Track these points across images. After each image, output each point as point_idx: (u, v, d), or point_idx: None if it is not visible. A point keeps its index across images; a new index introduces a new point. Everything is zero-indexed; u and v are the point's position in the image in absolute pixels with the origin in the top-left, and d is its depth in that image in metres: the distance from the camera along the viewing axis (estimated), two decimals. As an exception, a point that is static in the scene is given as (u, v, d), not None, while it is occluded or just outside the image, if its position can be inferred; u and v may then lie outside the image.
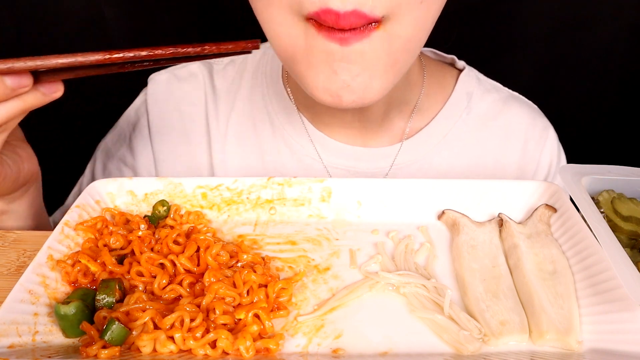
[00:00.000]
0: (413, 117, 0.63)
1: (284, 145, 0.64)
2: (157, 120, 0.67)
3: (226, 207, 0.52)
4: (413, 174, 0.63)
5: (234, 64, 0.68)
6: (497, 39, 0.99)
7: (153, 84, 0.68)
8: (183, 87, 0.67)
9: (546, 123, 0.69)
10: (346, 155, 0.63)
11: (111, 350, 0.37)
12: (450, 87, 0.66)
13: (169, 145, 0.67)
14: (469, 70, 0.68)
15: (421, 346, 0.40)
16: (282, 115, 0.64)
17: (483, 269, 0.46)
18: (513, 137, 0.66)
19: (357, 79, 0.44)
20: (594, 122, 1.08)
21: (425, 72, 0.65)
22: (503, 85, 0.71)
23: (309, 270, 0.47)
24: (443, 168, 0.64)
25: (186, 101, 0.67)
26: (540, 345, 0.40)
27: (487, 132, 0.66)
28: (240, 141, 0.65)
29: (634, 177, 0.51)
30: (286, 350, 0.40)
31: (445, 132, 0.64)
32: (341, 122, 0.62)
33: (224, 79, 0.67)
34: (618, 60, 1.00)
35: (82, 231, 0.47)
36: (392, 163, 0.63)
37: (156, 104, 0.67)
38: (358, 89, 0.45)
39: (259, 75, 0.66)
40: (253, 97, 0.66)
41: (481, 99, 0.66)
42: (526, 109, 0.68)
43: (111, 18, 0.95)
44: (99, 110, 1.01)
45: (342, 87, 0.44)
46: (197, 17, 0.98)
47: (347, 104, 0.46)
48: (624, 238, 0.48)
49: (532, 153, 0.67)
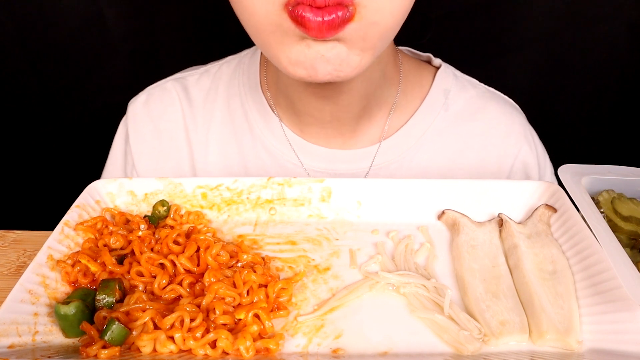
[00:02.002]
0: (391, 115, 0.64)
1: (265, 152, 0.64)
2: (138, 142, 0.68)
3: (226, 207, 0.52)
4: (392, 173, 0.63)
5: (208, 73, 0.69)
6: (497, 39, 0.99)
7: (132, 107, 0.69)
8: (158, 105, 0.68)
9: (523, 118, 0.69)
10: (326, 158, 0.63)
11: (111, 350, 0.37)
12: (427, 84, 0.66)
13: (151, 164, 0.67)
14: (445, 67, 0.68)
15: (421, 346, 0.40)
16: (261, 122, 0.64)
17: (483, 269, 0.46)
18: (491, 132, 0.66)
19: (333, 51, 0.44)
20: (594, 122, 1.08)
21: (402, 69, 0.65)
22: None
23: (309, 270, 0.47)
24: (422, 166, 0.64)
25: (163, 119, 0.67)
26: (540, 346, 0.40)
27: (465, 129, 0.66)
28: (221, 150, 0.66)
29: (634, 177, 0.51)
30: (286, 350, 0.40)
31: (424, 130, 0.64)
32: (321, 123, 0.62)
33: (200, 90, 0.68)
34: (618, 60, 0.99)
35: (82, 231, 0.47)
36: (370, 164, 0.63)
37: (136, 125, 0.68)
38: (334, 60, 0.44)
39: (235, 84, 0.66)
40: (231, 105, 0.66)
41: (458, 95, 0.67)
42: (503, 104, 0.69)
43: (111, 18, 0.95)
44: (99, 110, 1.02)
45: (317, 58, 0.44)
46: (197, 17, 0.98)
47: (322, 76, 0.45)
48: (624, 238, 0.48)
49: (511, 148, 0.67)
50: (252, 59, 0.66)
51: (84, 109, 1.04)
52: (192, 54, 1.00)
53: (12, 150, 1.08)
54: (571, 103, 1.06)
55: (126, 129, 0.69)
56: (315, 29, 0.41)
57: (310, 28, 0.41)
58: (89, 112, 1.04)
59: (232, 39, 0.65)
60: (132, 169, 0.68)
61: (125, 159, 0.69)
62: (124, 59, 0.99)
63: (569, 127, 1.08)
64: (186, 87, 0.68)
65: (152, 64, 1.00)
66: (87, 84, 1.01)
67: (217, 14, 0.96)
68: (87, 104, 1.04)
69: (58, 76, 1.00)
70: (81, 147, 1.05)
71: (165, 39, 1.00)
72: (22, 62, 0.98)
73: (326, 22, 0.41)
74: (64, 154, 1.08)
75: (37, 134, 1.07)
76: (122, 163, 0.69)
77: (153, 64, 1.00)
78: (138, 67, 1.00)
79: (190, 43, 1.01)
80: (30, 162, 1.10)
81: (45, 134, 1.07)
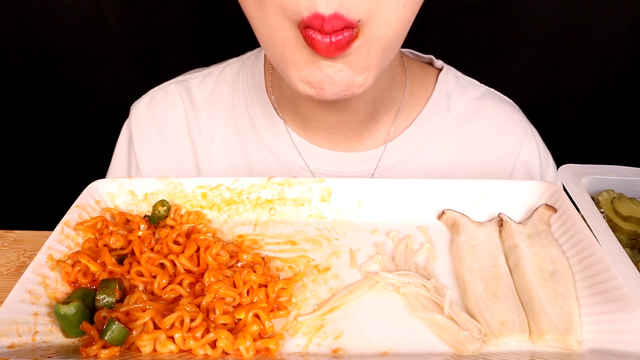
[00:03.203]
0: (397, 118, 0.64)
1: (270, 154, 0.64)
2: (142, 145, 0.68)
3: (226, 207, 0.52)
4: (396, 175, 0.64)
5: (211, 76, 0.69)
6: (497, 39, 0.99)
7: (136, 110, 0.69)
8: (162, 108, 0.68)
9: (523, 118, 0.70)
10: (332, 160, 0.63)
11: (111, 350, 0.37)
12: (430, 86, 0.67)
13: (156, 166, 0.67)
14: (447, 69, 0.68)
15: (421, 346, 0.40)
16: (266, 125, 0.64)
17: (483, 269, 0.46)
18: (492, 133, 0.67)
19: (340, 74, 0.46)
20: (594, 122, 1.08)
21: (408, 72, 0.65)
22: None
23: (309, 270, 0.47)
24: (425, 168, 0.64)
25: (167, 121, 0.67)
26: (540, 346, 0.40)
27: (466, 130, 0.66)
28: (226, 152, 0.66)
29: (634, 177, 0.51)
30: (286, 350, 0.40)
31: (427, 132, 0.65)
32: (327, 127, 0.62)
33: (203, 93, 0.68)
34: (618, 60, 0.99)
35: (82, 231, 0.47)
36: (376, 166, 0.63)
37: (139, 128, 0.68)
38: (341, 82, 0.46)
39: (239, 87, 0.66)
40: (235, 108, 0.66)
41: (459, 97, 0.67)
42: (503, 105, 0.69)
43: (111, 18, 0.95)
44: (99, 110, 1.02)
45: (325, 80, 0.46)
46: (197, 17, 0.98)
47: (329, 95, 0.47)
48: (624, 238, 0.48)
49: (512, 148, 0.67)
50: (256, 62, 0.66)
51: (84, 109, 1.04)
52: (192, 54, 1.01)
53: (12, 150, 1.08)
54: (571, 103, 1.06)
55: (129, 132, 0.69)
56: (324, 50, 0.43)
57: (319, 49, 0.43)
58: (89, 112, 1.04)
59: (233, 39, 0.65)
60: (136, 171, 0.68)
61: (129, 162, 0.69)
62: (124, 59, 0.99)
63: (569, 127, 1.08)
64: (189, 90, 0.68)
65: (153, 64, 1.00)
66: (87, 84, 1.01)
67: (218, 14, 0.96)
68: (87, 104, 1.04)
69: (58, 76, 1.00)
70: (81, 147, 1.05)
71: (165, 40, 1.00)
72: (22, 62, 0.98)
73: (334, 43, 0.43)
74: (64, 154, 1.08)
75: (37, 134, 1.07)
76: (126, 165, 0.69)
77: (153, 64, 1.00)
78: (138, 67, 1.00)
79: (190, 43, 1.01)
80: (30, 162, 1.10)
81: (45, 134, 1.07)
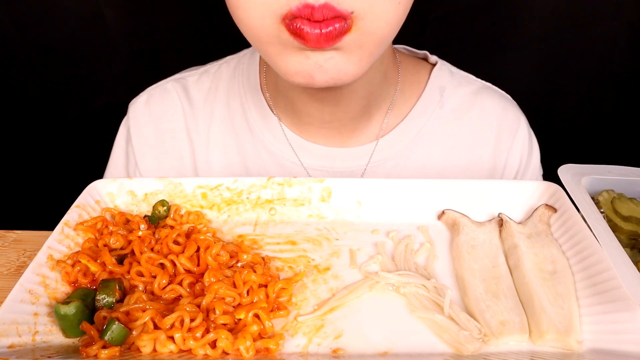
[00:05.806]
0: (389, 113, 0.64)
1: (265, 151, 0.65)
2: (140, 143, 0.68)
3: (226, 207, 0.52)
4: (389, 171, 0.64)
5: (208, 74, 0.69)
6: (497, 39, 0.98)
7: (133, 108, 0.69)
8: (159, 106, 0.68)
9: (518, 112, 0.69)
10: (325, 156, 0.64)
11: (111, 350, 0.37)
12: (423, 82, 0.67)
13: (154, 164, 0.68)
14: (441, 64, 0.68)
15: (421, 346, 0.40)
16: (260, 122, 0.65)
17: (483, 269, 0.46)
18: (486, 128, 0.67)
19: (330, 61, 0.45)
20: (594, 122, 1.08)
21: (400, 68, 0.65)
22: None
23: (309, 270, 0.47)
24: (419, 164, 0.64)
25: (165, 119, 0.68)
26: (540, 346, 0.40)
27: (460, 125, 0.66)
28: (222, 149, 0.66)
29: (634, 177, 0.51)
30: (286, 350, 0.40)
31: (419, 127, 0.65)
32: (320, 123, 0.62)
33: (200, 90, 0.68)
34: (618, 60, 0.99)
35: (82, 231, 0.47)
36: (368, 161, 0.63)
37: (137, 126, 0.68)
38: (331, 70, 0.46)
39: (235, 84, 0.67)
40: (231, 105, 0.66)
41: (453, 92, 0.67)
42: (498, 99, 0.69)
43: (111, 18, 0.95)
44: (99, 110, 1.02)
45: (315, 68, 0.46)
46: (196, 17, 0.98)
47: (320, 83, 0.47)
48: (624, 238, 0.48)
49: (505, 144, 0.67)
50: (251, 59, 0.67)
51: (84, 109, 1.04)
52: (191, 54, 1.00)
53: (12, 150, 1.08)
54: (571, 103, 1.06)
55: (127, 130, 0.69)
56: (313, 41, 0.43)
57: (309, 40, 0.43)
58: (89, 112, 1.04)
59: (232, 38, 0.65)
60: (134, 169, 0.68)
61: (127, 160, 0.69)
62: (124, 58, 0.99)
63: (569, 127, 1.08)
64: (186, 88, 0.68)
65: (152, 64, 1.00)
66: (87, 84, 1.01)
67: (216, 13, 0.96)
68: (87, 104, 1.04)
69: (58, 76, 1.00)
70: (81, 147, 1.05)
71: (165, 39, 1.00)
72: (22, 62, 0.98)
73: (324, 34, 0.42)
74: (64, 154, 1.08)
75: (37, 133, 1.07)
76: (124, 163, 0.69)
77: (153, 64, 1.00)
78: (138, 67, 1.00)
79: (189, 43, 1.01)
80: (30, 162, 1.10)
81: (45, 134, 1.07)
